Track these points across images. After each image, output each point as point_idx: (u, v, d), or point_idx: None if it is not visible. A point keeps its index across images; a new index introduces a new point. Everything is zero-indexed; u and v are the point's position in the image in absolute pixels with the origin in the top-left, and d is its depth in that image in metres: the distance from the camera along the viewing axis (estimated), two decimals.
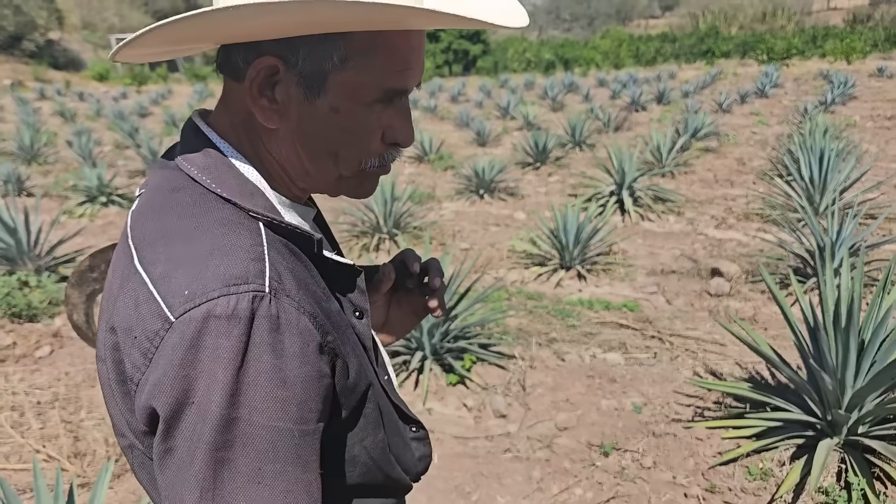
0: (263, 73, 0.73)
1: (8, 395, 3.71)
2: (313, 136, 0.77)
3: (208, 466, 0.65)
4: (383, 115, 0.78)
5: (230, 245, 0.69)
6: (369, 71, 0.74)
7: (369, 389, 0.82)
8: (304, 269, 0.75)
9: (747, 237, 5.98)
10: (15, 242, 5.17)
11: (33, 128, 15.08)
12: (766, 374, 3.56)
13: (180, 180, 0.76)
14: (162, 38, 0.71)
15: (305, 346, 0.68)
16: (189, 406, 0.64)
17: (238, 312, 0.65)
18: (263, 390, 0.65)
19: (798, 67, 25.53)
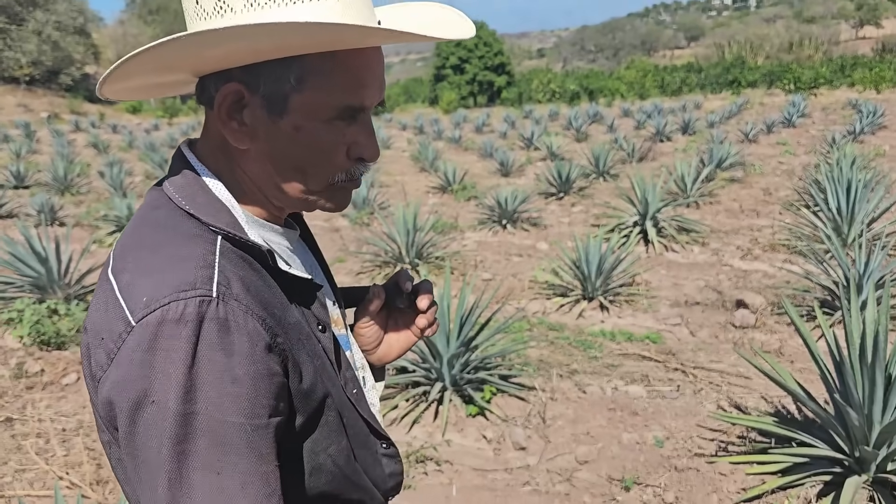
0: (230, 98, 0.80)
1: (34, 422, 3.77)
2: (280, 155, 0.82)
3: (172, 458, 0.69)
4: (346, 131, 0.83)
5: (185, 255, 0.76)
6: (325, 90, 0.79)
7: (327, 398, 0.86)
8: (258, 279, 0.80)
9: (773, 268, 5.90)
10: (46, 271, 5.29)
11: (67, 159, 15.50)
12: (793, 408, 3.49)
13: (161, 199, 0.84)
14: (140, 69, 0.77)
15: (254, 346, 0.73)
16: (150, 404, 0.70)
17: (186, 316, 0.70)
18: (215, 387, 0.70)
19: (826, 97, 25.35)
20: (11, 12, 39.95)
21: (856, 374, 2.79)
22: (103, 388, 0.74)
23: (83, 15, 45.38)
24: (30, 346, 4.69)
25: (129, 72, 0.77)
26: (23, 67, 39.06)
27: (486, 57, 45.42)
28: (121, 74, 0.77)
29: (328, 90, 0.79)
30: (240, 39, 0.71)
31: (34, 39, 39.59)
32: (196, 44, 0.72)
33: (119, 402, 0.72)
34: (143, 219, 0.83)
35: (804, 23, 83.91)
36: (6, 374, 4.32)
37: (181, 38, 0.70)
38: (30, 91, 39.93)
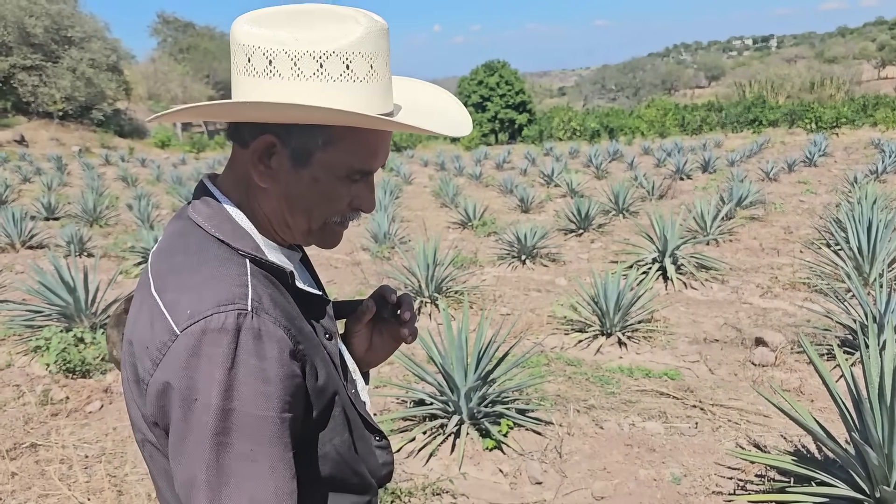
0: (263, 145, 0.94)
1: (58, 448, 3.84)
2: (295, 197, 0.97)
3: (212, 449, 0.82)
4: (353, 187, 0.99)
5: (222, 275, 0.89)
6: (344, 154, 0.95)
7: (335, 396, 1.00)
8: (280, 295, 0.94)
9: (793, 307, 5.86)
10: (73, 300, 5.42)
11: (97, 192, 15.87)
12: (812, 447, 3.45)
13: (189, 227, 0.97)
14: (197, 114, 0.93)
15: (282, 352, 0.87)
16: (195, 402, 0.82)
17: (227, 326, 0.83)
18: (251, 386, 0.83)
19: (848, 136, 25.26)
20: (48, 50, 41.28)
21: (875, 413, 2.77)
22: (151, 390, 0.86)
23: (116, 53, 46.72)
24: (55, 374, 4.79)
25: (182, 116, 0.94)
26: (56, 103, 40.20)
27: (508, 95, 45.95)
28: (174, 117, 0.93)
29: (346, 154, 0.94)
30: (281, 111, 0.88)
31: (69, 76, 40.79)
32: (245, 108, 0.89)
33: (166, 402, 0.84)
34: (175, 247, 0.96)
35: (826, 63, 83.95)
36: (32, 401, 4.41)
37: (236, 103, 0.87)
38: (62, 125, 41.01)
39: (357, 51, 0.90)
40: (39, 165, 25.43)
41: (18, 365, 5.05)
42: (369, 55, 0.91)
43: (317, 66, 0.89)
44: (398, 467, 3.51)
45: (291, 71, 0.89)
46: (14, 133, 37.19)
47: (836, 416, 3.62)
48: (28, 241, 9.96)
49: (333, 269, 8.21)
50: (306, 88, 0.89)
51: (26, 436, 3.99)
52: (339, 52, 0.89)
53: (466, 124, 1.08)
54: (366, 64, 0.91)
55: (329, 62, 0.89)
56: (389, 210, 11.16)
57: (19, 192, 17.37)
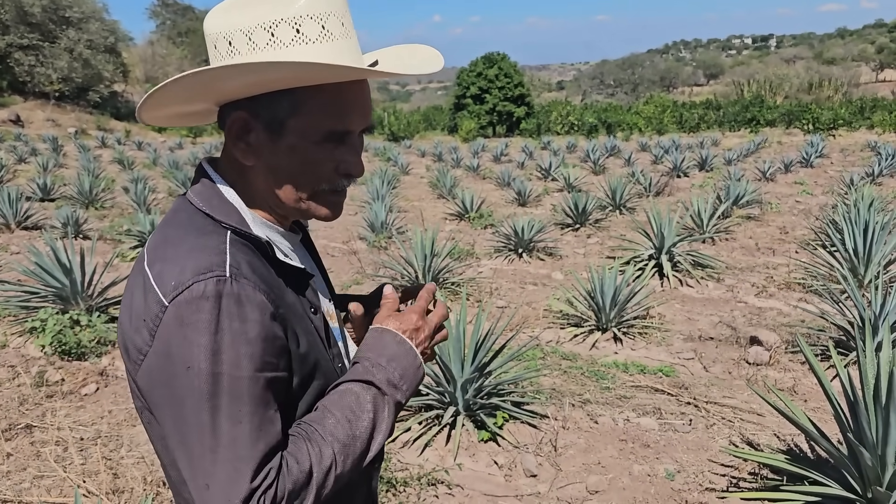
0: (238, 123, 0.98)
1: (53, 430, 3.84)
2: (278, 169, 0.99)
3: (205, 412, 0.85)
4: (335, 151, 1.00)
5: (202, 245, 0.92)
6: (314, 117, 0.96)
7: (317, 366, 1.01)
8: (262, 265, 0.97)
9: (788, 307, 5.90)
10: (70, 283, 5.40)
11: (93, 174, 15.79)
12: (805, 446, 3.48)
13: (184, 204, 1.02)
14: (170, 97, 0.96)
15: (263, 315, 0.89)
16: (188, 369, 0.85)
17: (207, 293, 0.86)
18: (235, 348, 0.86)
19: (845, 138, 25.33)
20: (45, 30, 40.88)
21: (870, 414, 2.80)
22: (149, 360, 0.89)
23: (114, 34, 46.29)
24: (51, 356, 4.78)
25: (161, 100, 0.97)
26: (53, 83, 39.86)
27: (507, 88, 45.82)
28: (154, 102, 0.97)
29: (316, 116, 0.96)
30: (244, 74, 0.90)
31: (66, 57, 40.43)
32: (207, 77, 0.91)
33: (161, 370, 0.87)
34: (168, 220, 1.01)
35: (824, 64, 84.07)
36: (27, 382, 4.40)
37: (193, 72, 0.90)
38: (58, 106, 40.69)
39: (306, 14, 0.92)
40: (35, 146, 25.27)
41: (14, 346, 5.04)
42: (319, 16, 0.93)
43: (268, 36, 0.91)
44: (393, 457, 3.52)
45: (247, 46, 0.92)
46: (10, 113, 36.90)
47: (829, 416, 3.65)
48: (23, 221, 9.91)
49: (330, 258, 8.20)
50: (262, 58, 0.91)
51: (21, 417, 3.98)
52: (287, 19, 0.91)
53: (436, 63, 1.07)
54: (316, 26, 0.92)
55: (279, 30, 0.91)
56: (387, 200, 11.15)
57: (14, 172, 17.26)
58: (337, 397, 0.97)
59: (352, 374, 1.01)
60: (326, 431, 0.93)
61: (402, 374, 1.02)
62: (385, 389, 0.99)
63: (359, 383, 0.99)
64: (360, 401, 0.97)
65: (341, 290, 6.71)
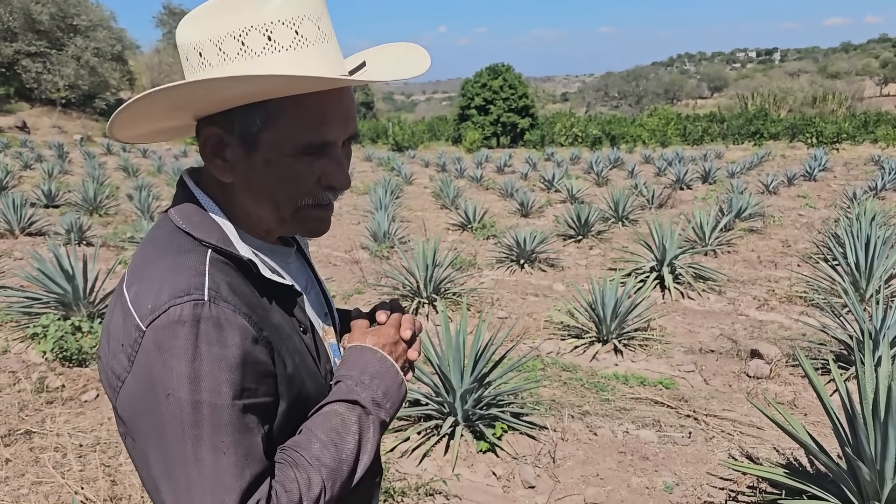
0: (212, 139, 0.93)
1: (52, 436, 3.85)
2: (256, 185, 0.94)
3: (188, 441, 0.81)
4: (316, 163, 0.94)
5: (179, 265, 0.88)
6: (288, 129, 0.90)
7: (306, 385, 0.97)
8: (244, 285, 0.92)
9: (789, 320, 5.89)
10: (72, 289, 5.42)
11: (97, 181, 15.85)
12: (805, 461, 3.47)
13: (164, 221, 0.98)
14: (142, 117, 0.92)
15: (244, 339, 0.85)
16: (167, 397, 0.81)
17: (184, 317, 0.82)
18: (215, 375, 0.82)
19: (849, 152, 25.33)
20: (53, 37, 41.20)
21: (869, 429, 2.79)
22: (128, 387, 0.85)
23: (121, 42, 46.65)
24: (52, 362, 4.79)
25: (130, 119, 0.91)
26: (60, 90, 40.15)
27: (511, 99, 45.93)
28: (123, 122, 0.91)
29: (290, 129, 0.90)
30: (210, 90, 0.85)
31: (73, 64, 40.72)
32: (167, 96, 0.86)
33: (141, 397, 0.84)
34: (149, 239, 0.97)
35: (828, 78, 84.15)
36: (28, 388, 4.41)
37: (154, 91, 0.85)
38: (65, 113, 40.94)
39: (276, 19, 0.86)
40: (41, 152, 25.40)
41: (15, 351, 5.06)
42: (291, 21, 0.87)
43: (238, 45, 0.86)
44: (391, 467, 3.52)
45: (218, 57, 0.87)
46: (16, 119, 37.12)
47: (829, 430, 3.64)
48: (27, 227, 9.95)
49: (332, 267, 8.22)
50: (232, 70, 0.87)
51: (21, 423, 3.99)
52: (258, 26, 0.86)
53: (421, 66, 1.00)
54: (289, 31, 0.87)
55: (249, 38, 0.86)
56: (390, 210, 11.17)
57: (20, 178, 17.35)
58: (321, 419, 0.95)
59: (335, 395, 0.98)
60: (313, 456, 0.90)
61: (385, 392, 1.00)
62: (370, 409, 0.98)
63: (343, 403, 0.97)
64: (346, 422, 0.95)
65: (342, 299, 6.72)
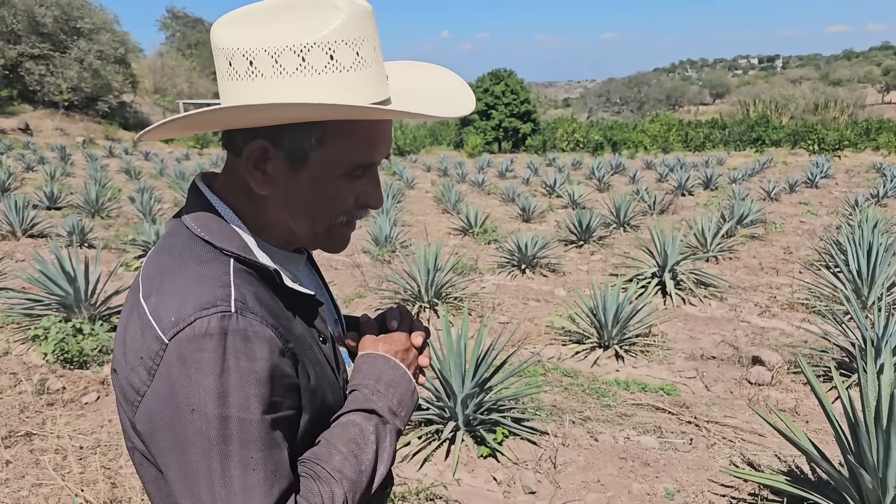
0: (257, 152, 0.90)
1: (53, 438, 3.84)
2: (297, 201, 0.93)
3: (215, 458, 0.79)
4: (357, 182, 0.94)
5: (203, 276, 0.86)
6: (340, 150, 0.90)
7: (327, 396, 0.97)
8: (267, 294, 0.91)
9: (791, 327, 5.88)
10: (73, 291, 5.42)
11: (99, 183, 15.88)
12: (806, 468, 3.46)
13: (179, 228, 0.94)
14: (180, 127, 0.90)
15: (272, 351, 0.84)
16: (192, 412, 0.79)
17: (210, 330, 0.80)
18: (245, 389, 0.80)
19: (850, 159, 25.34)
20: (57, 40, 41.33)
21: (871, 437, 2.79)
22: (148, 401, 0.83)
23: (124, 45, 46.74)
24: (53, 364, 4.79)
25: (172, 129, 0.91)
26: (63, 93, 40.26)
27: (513, 104, 46.01)
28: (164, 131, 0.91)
29: (343, 150, 0.90)
30: (261, 113, 0.83)
31: (76, 67, 40.83)
32: (226, 115, 0.85)
33: (162, 413, 0.81)
34: (163, 247, 0.93)
35: (830, 85, 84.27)
36: (29, 390, 4.41)
37: (213, 110, 0.83)
38: (67, 116, 41.03)
39: (340, 38, 0.84)
40: (43, 154, 25.44)
41: (16, 353, 5.06)
42: (354, 42, 0.85)
43: (299, 60, 0.84)
44: (392, 470, 3.51)
45: (273, 69, 0.84)
46: (19, 121, 37.21)
47: (831, 437, 3.63)
48: (29, 229, 9.97)
49: (334, 271, 8.21)
50: (290, 86, 0.84)
51: (21, 424, 3.99)
52: (321, 43, 0.83)
53: (468, 103, 1.02)
54: (351, 52, 0.85)
55: (311, 55, 0.84)
56: (391, 214, 11.17)
57: (22, 180, 17.38)
58: (340, 430, 0.95)
59: (352, 404, 0.98)
60: (335, 469, 0.90)
61: (400, 401, 1.00)
62: (387, 418, 0.98)
63: (361, 413, 0.97)
64: (364, 432, 0.95)
65: (344, 303, 6.72)
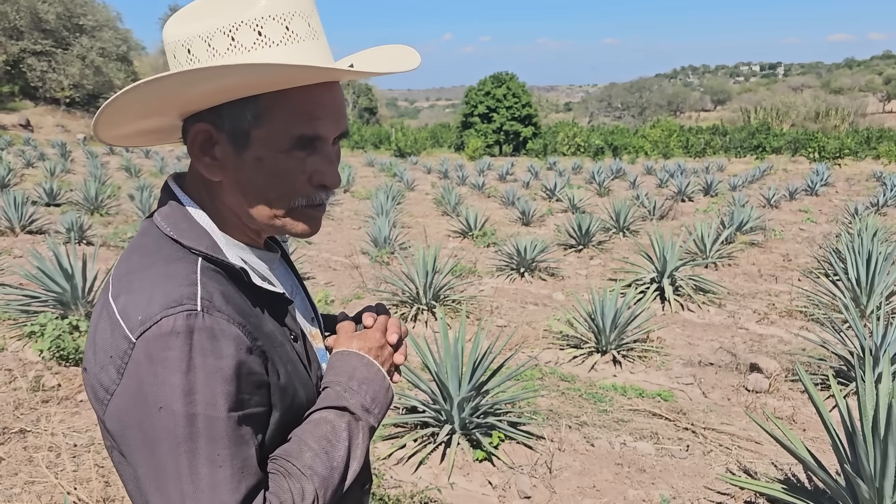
0: (201, 136, 0.91)
1: (47, 436, 3.83)
2: (247, 183, 0.92)
3: (182, 456, 0.79)
4: (307, 160, 0.93)
5: (170, 275, 0.86)
6: (279, 124, 0.89)
7: (298, 393, 0.96)
8: (236, 293, 0.91)
9: (789, 334, 5.87)
10: (70, 288, 5.41)
11: (99, 180, 15.86)
12: (803, 476, 3.45)
13: (150, 228, 0.95)
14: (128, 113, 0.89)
15: (239, 349, 0.84)
16: (160, 409, 0.79)
17: (177, 328, 0.80)
18: (210, 387, 0.80)
19: (850, 167, 25.35)
20: (59, 36, 41.38)
21: (868, 446, 2.77)
22: (117, 399, 0.83)
23: (126, 43, 46.83)
24: (48, 361, 4.78)
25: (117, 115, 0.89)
26: (64, 90, 40.29)
27: (514, 108, 46.05)
28: (110, 118, 0.89)
29: (282, 124, 0.89)
30: (201, 80, 0.83)
31: (78, 64, 40.88)
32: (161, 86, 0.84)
33: (131, 411, 0.82)
34: (134, 247, 0.94)
35: (831, 93, 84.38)
36: (23, 387, 4.39)
37: (144, 81, 0.82)
38: (68, 112, 41.05)
39: (267, 14, 0.85)
40: (43, 151, 25.43)
41: (11, 349, 5.04)
42: (282, 17, 0.86)
43: (228, 40, 0.85)
44: (386, 472, 3.50)
45: (207, 52, 0.86)
46: (20, 117, 37.21)
47: (828, 446, 3.62)
48: (28, 225, 9.95)
49: (332, 272, 8.20)
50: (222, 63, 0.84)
51: (15, 421, 3.97)
52: (248, 21, 0.85)
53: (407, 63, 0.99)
54: (279, 27, 0.86)
55: (240, 33, 0.85)
56: (391, 215, 11.17)
57: (22, 176, 17.36)
58: (311, 427, 0.94)
59: (324, 401, 0.98)
60: (305, 465, 0.90)
61: (373, 398, 0.99)
62: (359, 415, 0.97)
63: (333, 410, 0.96)
64: (336, 429, 0.94)
65: (342, 303, 6.70)
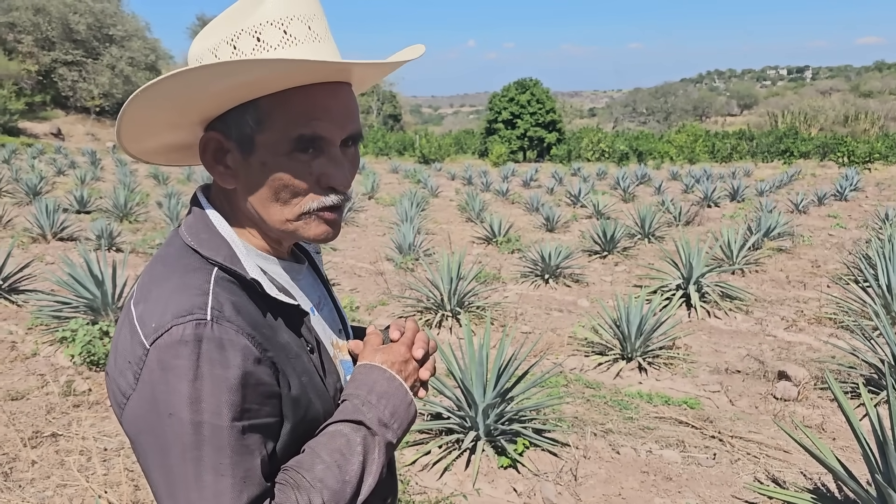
0: (211, 144, 0.94)
1: (78, 440, 3.90)
2: (256, 188, 0.93)
3: (189, 462, 0.82)
4: (313, 163, 0.93)
5: (185, 285, 0.88)
6: (279, 127, 0.90)
7: (312, 405, 0.96)
8: (249, 304, 0.92)
9: (818, 342, 5.78)
10: (101, 294, 5.51)
11: (128, 188, 16.14)
12: (833, 486, 3.40)
13: (175, 237, 0.98)
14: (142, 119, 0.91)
15: (246, 359, 0.85)
16: (168, 416, 0.82)
17: (186, 337, 0.82)
18: (216, 396, 0.82)
19: (881, 172, 24.90)
20: (89, 46, 42.28)
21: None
22: (132, 404, 0.86)
23: (155, 52, 47.68)
24: (79, 366, 4.87)
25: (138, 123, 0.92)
26: (94, 98, 41.12)
27: (539, 113, 45.99)
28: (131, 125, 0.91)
29: (282, 126, 0.90)
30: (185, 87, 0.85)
31: (107, 73, 41.72)
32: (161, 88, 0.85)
33: (145, 416, 0.84)
34: (158, 256, 0.97)
35: (861, 97, 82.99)
36: (55, 391, 4.48)
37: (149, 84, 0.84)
38: (98, 121, 41.86)
39: (265, 21, 0.87)
40: (74, 159, 25.94)
41: (44, 354, 5.15)
42: (279, 22, 0.88)
43: (230, 49, 0.88)
44: (411, 479, 3.51)
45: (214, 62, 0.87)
46: (51, 126, 38.02)
47: (859, 455, 3.56)
48: (59, 232, 10.15)
49: (357, 278, 8.25)
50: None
51: (48, 425, 4.05)
52: (248, 29, 0.87)
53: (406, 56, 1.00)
54: (277, 31, 0.88)
55: (240, 41, 0.88)
56: (415, 222, 11.21)
57: (53, 184, 17.72)
58: (326, 439, 0.94)
59: (341, 414, 0.97)
60: (316, 478, 0.89)
61: (392, 413, 0.98)
62: (376, 429, 0.95)
63: (348, 424, 0.95)
64: (350, 443, 0.93)
65: (366, 310, 6.74)
